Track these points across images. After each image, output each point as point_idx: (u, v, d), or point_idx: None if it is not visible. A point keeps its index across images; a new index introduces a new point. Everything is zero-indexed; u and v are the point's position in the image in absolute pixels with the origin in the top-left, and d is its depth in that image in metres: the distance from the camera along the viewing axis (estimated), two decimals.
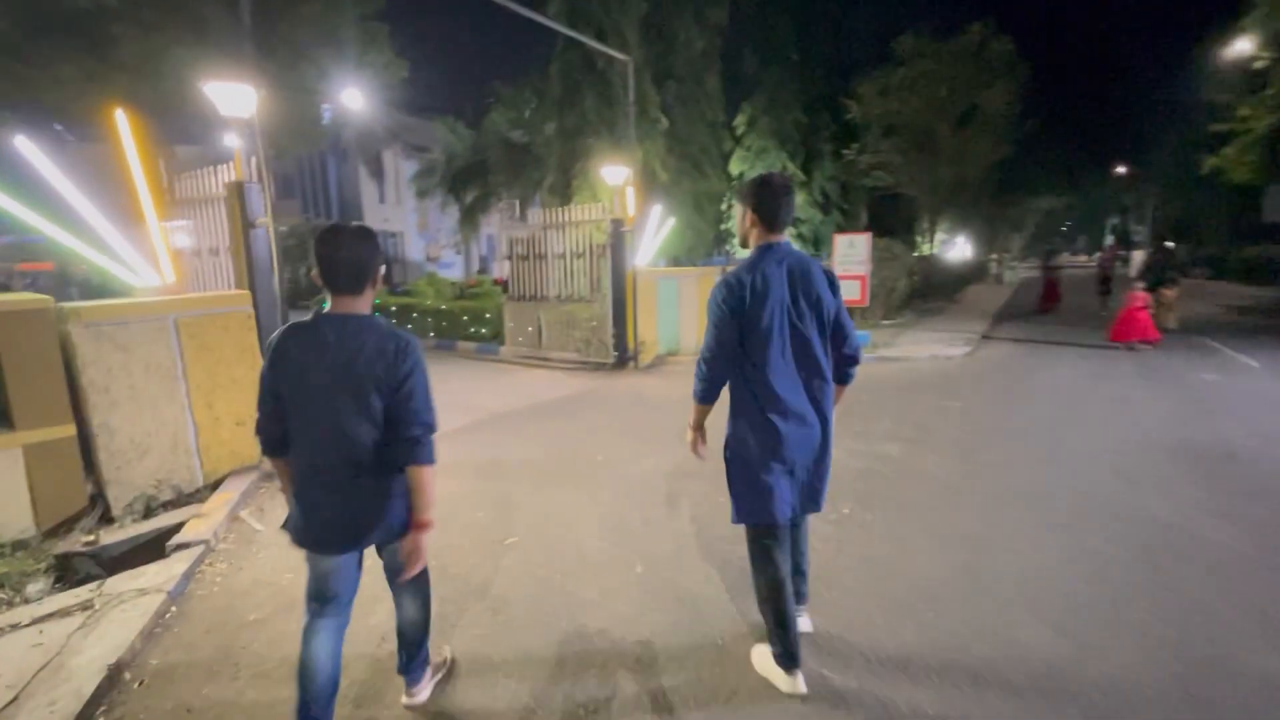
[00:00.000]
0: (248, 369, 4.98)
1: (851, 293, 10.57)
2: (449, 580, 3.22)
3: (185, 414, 4.59)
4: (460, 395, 7.83)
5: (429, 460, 1.87)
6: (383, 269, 1.96)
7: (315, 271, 1.84)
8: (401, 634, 2.23)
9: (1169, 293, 8.83)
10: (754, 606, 2.51)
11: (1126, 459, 4.81)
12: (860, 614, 2.89)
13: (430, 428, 1.87)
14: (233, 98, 4.83)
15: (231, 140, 5.03)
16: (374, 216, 28.64)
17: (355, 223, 1.94)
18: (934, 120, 18.19)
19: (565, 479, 4.75)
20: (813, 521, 3.79)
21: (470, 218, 16.39)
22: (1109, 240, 50.17)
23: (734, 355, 2.19)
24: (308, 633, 1.98)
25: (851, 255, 10.52)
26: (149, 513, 4.31)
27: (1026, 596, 2.97)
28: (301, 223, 24.18)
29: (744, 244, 2.32)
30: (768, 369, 2.16)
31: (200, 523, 3.93)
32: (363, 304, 1.87)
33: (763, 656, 2.41)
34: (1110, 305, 13.97)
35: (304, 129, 10.86)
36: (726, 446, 2.33)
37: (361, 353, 1.79)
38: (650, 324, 9.79)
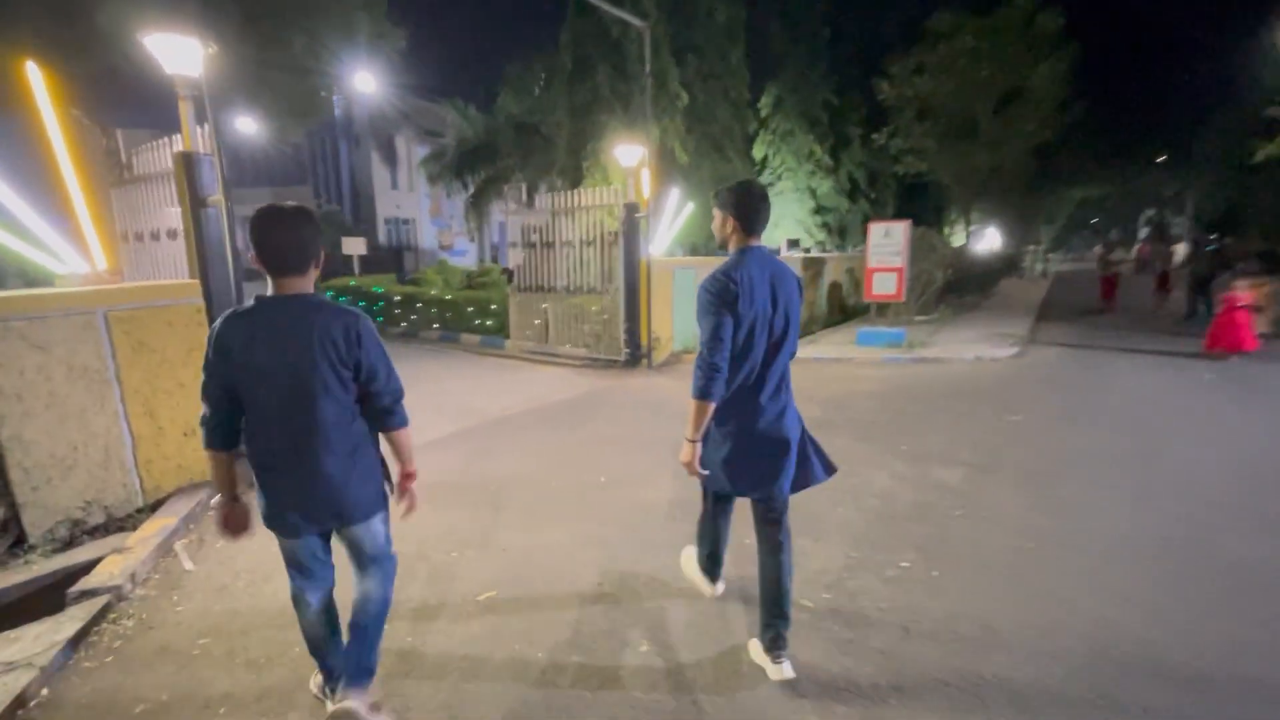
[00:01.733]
0: (198, 370, 4.27)
1: (886, 286, 9.71)
2: (401, 654, 2.51)
3: (120, 424, 3.93)
4: (456, 395, 7.14)
5: (403, 424, 2.01)
6: (321, 251, 1.90)
7: (253, 254, 1.80)
8: (355, 616, 2.04)
9: (1255, 293, 7.72)
10: None
11: (1237, 497, 3.95)
12: None
13: (398, 395, 1.98)
14: (178, 52, 4.12)
15: (180, 107, 4.32)
16: (386, 202, 28.11)
17: (293, 204, 1.88)
18: (972, 102, 17.01)
19: (561, 508, 4.02)
20: (867, 579, 3.03)
21: (478, 203, 15.65)
22: (1143, 234, 48.04)
23: (729, 350, 2.18)
24: (296, 600, 2.08)
25: (887, 245, 9.64)
26: (73, 540, 3.68)
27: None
28: (314, 208, 23.63)
29: (722, 247, 2.37)
30: (741, 362, 2.22)
31: (118, 561, 3.26)
32: (307, 284, 1.84)
33: (689, 559, 2.81)
34: (1168, 306, 12.80)
35: (298, 104, 10.16)
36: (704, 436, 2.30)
37: (314, 332, 1.78)
38: (665, 318, 9.02)
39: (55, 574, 3.22)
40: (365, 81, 25.28)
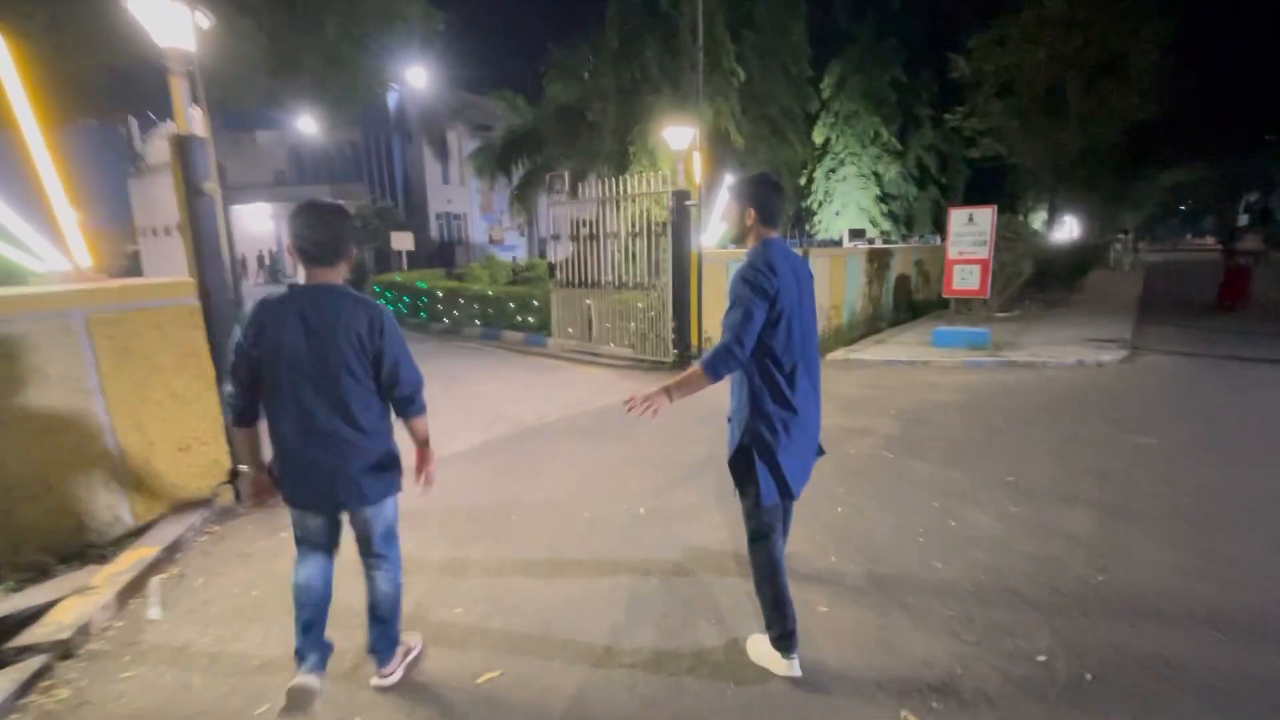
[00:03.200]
0: (193, 379, 3.87)
1: (969, 280, 8.64)
2: None
3: (104, 440, 3.51)
4: (490, 400, 6.61)
5: (421, 411, 2.13)
6: (353, 248, 2.00)
7: (290, 245, 1.90)
8: (373, 610, 2.24)
9: None
10: None
11: None
12: None
13: (417, 385, 2.08)
14: (167, 21, 3.65)
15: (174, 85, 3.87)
16: (437, 197, 28.26)
17: (330, 200, 2.01)
18: (1061, 76, 15.33)
19: (593, 547, 3.36)
20: (989, 678, 2.22)
21: (523, 195, 15.15)
22: (1243, 221, 43.52)
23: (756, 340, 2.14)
24: (299, 565, 2.15)
25: (970, 234, 8.55)
26: (47, 570, 3.27)
27: None
28: (367, 205, 23.92)
29: (740, 240, 2.33)
30: (784, 356, 2.18)
31: (74, 605, 2.80)
32: (336, 275, 1.95)
33: (758, 644, 2.40)
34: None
35: (340, 93, 9.84)
36: (746, 433, 2.21)
37: (340, 320, 1.89)
38: (717, 316, 8.24)
39: (4, 620, 2.78)
40: (416, 76, 25.39)
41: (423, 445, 2.20)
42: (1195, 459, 4.35)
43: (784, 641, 2.28)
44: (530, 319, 10.41)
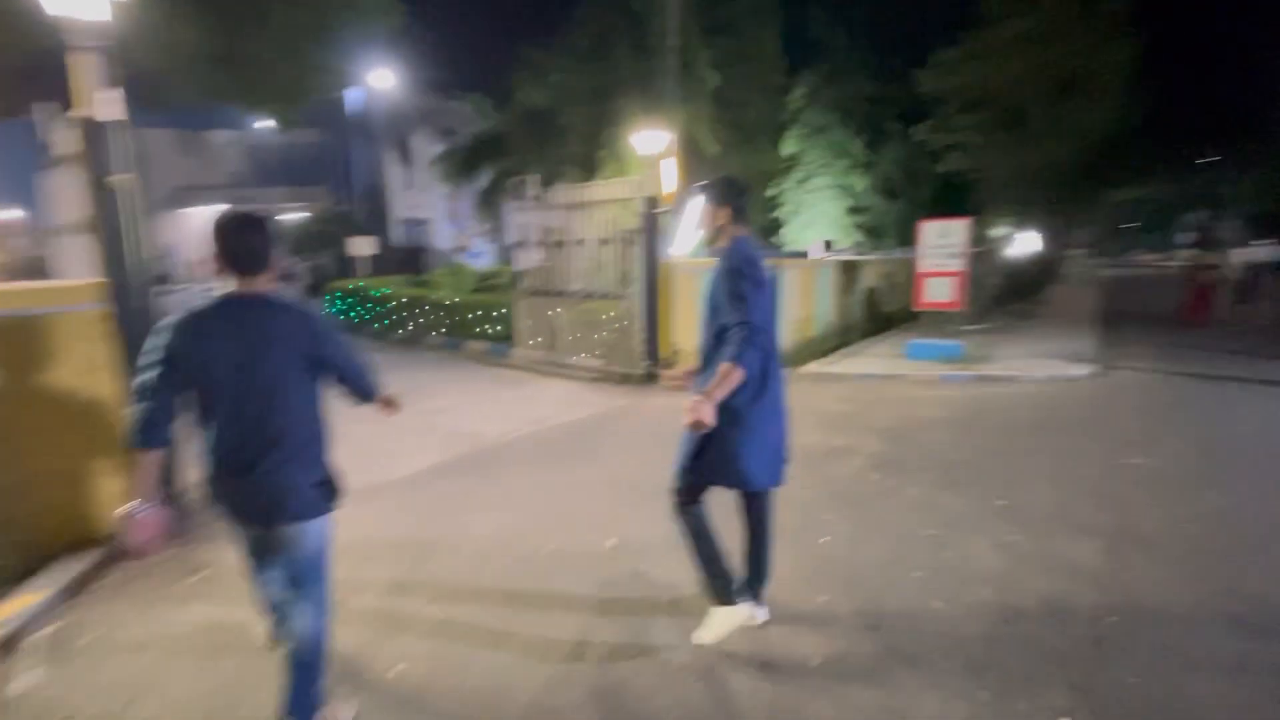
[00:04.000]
0: (99, 398, 3.37)
1: (942, 293, 8.54)
2: None
3: None
4: (448, 415, 6.17)
5: (382, 389, 2.12)
6: (277, 256, 1.93)
7: (215, 255, 1.84)
8: (290, 658, 1.94)
9: None
10: None
11: None
12: None
13: (369, 373, 2.09)
14: None
15: (77, 60, 3.40)
16: (400, 203, 27.52)
17: (251, 209, 1.95)
18: (1027, 90, 15.59)
19: (556, 587, 2.99)
20: None
21: (489, 200, 14.68)
22: (1186, 238, 45.40)
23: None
24: (254, 585, 2.09)
25: (943, 246, 8.47)
26: None
27: None
28: (327, 209, 23.08)
29: (712, 240, 2.39)
30: (768, 344, 2.26)
31: None
32: (264, 283, 1.89)
33: (726, 615, 2.51)
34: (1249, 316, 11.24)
35: (286, 87, 9.26)
36: (725, 413, 2.16)
37: (274, 330, 1.84)
38: (689, 327, 7.94)
39: None
40: (380, 77, 24.61)
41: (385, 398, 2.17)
42: (1191, 482, 4.17)
43: (745, 594, 2.55)
44: (494, 328, 9.97)
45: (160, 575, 3.16)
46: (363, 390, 2.07)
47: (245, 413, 1.82)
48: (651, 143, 7.21)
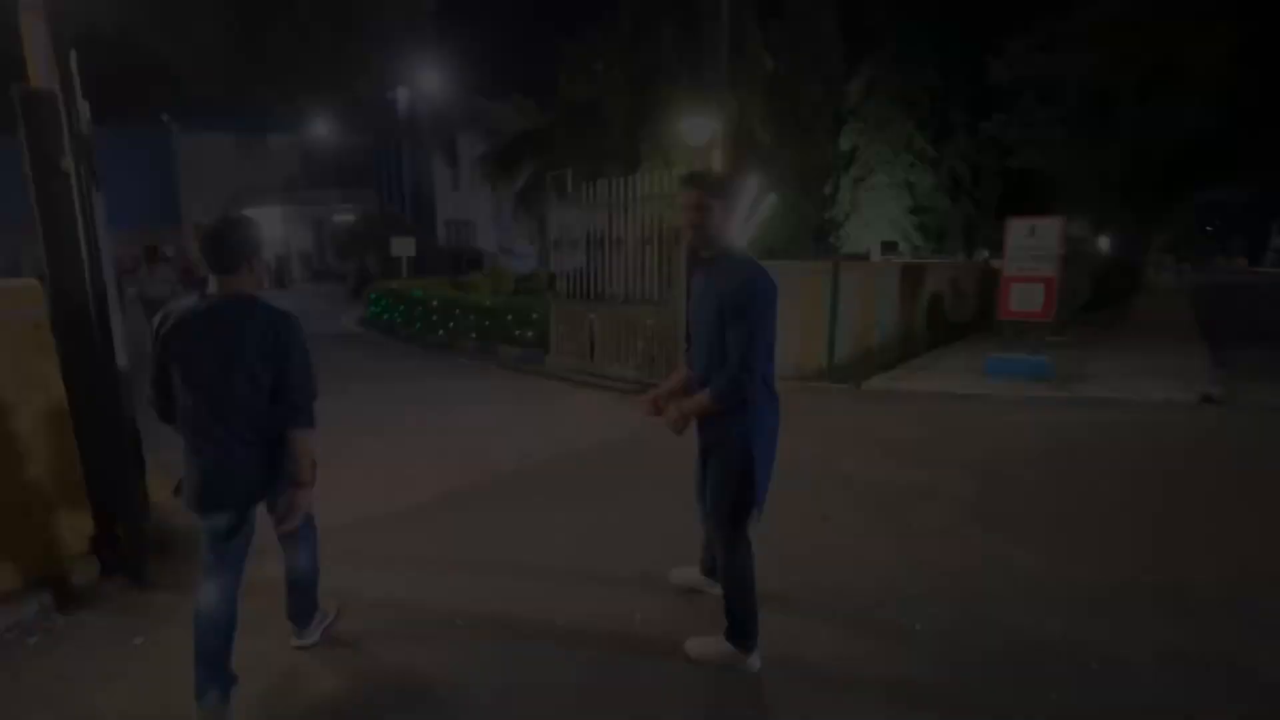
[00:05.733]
0: (35, 414, 2.86)
1: (1031, 301, 7.49)
2: None
3: None
4: (466, 433, 5.57)
5: (307, 424, 2.03)
6: (262, 255, 2.08)
7: (200, 256, 1.98)
8: (290, 582, 2.37)
9: None
10: None
11: None
12: None
13: (308, 395, 2.03)
14: None
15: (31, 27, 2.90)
16: (446, 205, 27.64)
17: (237, 214, 2.19)
18: (1114, 79, 14.11)
19: (561, 679, 2.27)
20: None
21: (527, 198, 14.18)
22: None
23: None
24: (203, 587, 2.06)
25: (1032, 248, 7.42)
26: None
27: None
28: (375, 211, 23.24)
29: (710, 244, 2.22)
30: (770, 366, 2.19)
31: None
32: (240, 283, 1.98)
33: (719, 644, 2.36)
34: None
35: (322, 79, 8.93)
36: (749, 443, 2.15)
37: (247, 327, 1.92)
38: None
39: None
40: (427, 79, 24.67)
41: (299, 470, 2.04)
42: None
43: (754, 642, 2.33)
44: (529, 333, 9.40)
45: (99, 633, 2.61)
46: (291, 403, 1.99)
47: (202, 401, 1.93)
48: (699, 130, 6.47)
